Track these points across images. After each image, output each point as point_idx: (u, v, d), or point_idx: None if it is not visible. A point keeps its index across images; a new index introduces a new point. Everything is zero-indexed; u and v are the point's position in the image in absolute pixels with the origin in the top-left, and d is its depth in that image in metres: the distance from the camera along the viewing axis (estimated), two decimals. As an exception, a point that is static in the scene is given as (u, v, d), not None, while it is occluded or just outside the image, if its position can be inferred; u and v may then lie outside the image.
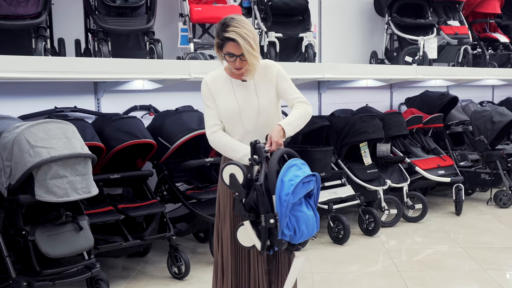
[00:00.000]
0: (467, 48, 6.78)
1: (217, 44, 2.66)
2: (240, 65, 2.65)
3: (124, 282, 3.96)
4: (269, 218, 2.41)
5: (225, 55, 2.64)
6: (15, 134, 3.11)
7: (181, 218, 4.56)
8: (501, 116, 6.12)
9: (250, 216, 2.47)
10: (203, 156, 4.50)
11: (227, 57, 2.65)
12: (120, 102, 4.78)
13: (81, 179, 3.19)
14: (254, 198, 2.45)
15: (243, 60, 2.63)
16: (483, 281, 3.92)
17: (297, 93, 2.81)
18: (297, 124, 2.70)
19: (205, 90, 2.79)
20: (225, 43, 2.61)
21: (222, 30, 2.61)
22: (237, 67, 2.67)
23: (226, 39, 2.60)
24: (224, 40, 2.61)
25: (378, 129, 5.27)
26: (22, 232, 3.16)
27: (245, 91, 2.75)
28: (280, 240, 2.42)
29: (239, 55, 2.61)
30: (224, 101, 2.75)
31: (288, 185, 2.38)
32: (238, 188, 2.48)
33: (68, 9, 4.64)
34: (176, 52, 4.96)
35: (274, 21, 5.31)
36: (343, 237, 4.75)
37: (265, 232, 2.44)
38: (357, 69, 5.93)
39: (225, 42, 2.61)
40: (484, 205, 6.22)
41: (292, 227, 2.41)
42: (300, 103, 2.77)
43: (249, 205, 2.48)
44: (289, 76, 2.86)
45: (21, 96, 4.24)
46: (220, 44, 2.64)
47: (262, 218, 2.42)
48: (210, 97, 2.78)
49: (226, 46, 2.62)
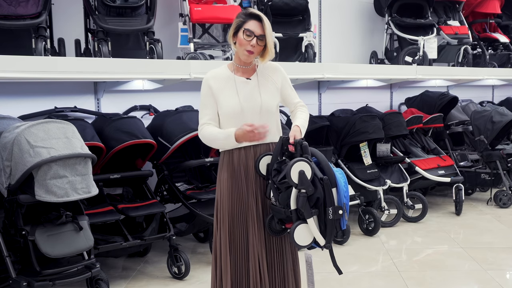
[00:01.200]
0: (467, 48, 6.78)
1: (237, 23, 2.66)
2: (256, 46, 2.66)
3: (124, 282, 3.96)
4: (338, 210, 2.47)
5: (245, 31, 2.63)
6: (15, 134, 3.11)
7: (181, 218, 4.57)
8: (501, 116, 6.12)
9: (316, 212, 2.50)
10: (203, 156, 4.50)
11: (246, 35, 2.64)
12: (120, 102, 4.79)
13: (81, 179, 3.19)
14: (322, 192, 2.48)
15: (259, 44, 2.66)
16: (483, 281, 3.92)
17: (298, 97, 2.92)
18: (306, 126, 2.84)
19: (205, 88, 2.76)
20: (247, 21, 2.64)
21: (246, 10, 2.66)
22: (253, 45, 2.65)
23: (250, 16, 2.65)
24: (247, 18, 2.64)
25: (378, 129, 5.27)
26: (22, 232, 3.16)
27: (248, 89, 2.74)
28: (344, 230, 2.49)
29: (258, 36, 2.63)
30: (226, 99, 2.72)
31: (342, 177, 2.51)
32: (308, 184, 2.48)
33: (68, 9, 4.64)
34: (176, 52, 4.96)
35: (274, 21, 5.31)
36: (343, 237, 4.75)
37: (333, 225, 2.48)
38: (357, 69, 5.93)
39: (248, 19, 2.64)
40: (484, 205, 6.22)
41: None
42: (303, 107, 2.90)
43: (313, 201, 2.51)
44: (289, 76, 2.90)
45: (21, 96, 4.25)
46: (241, 22, 2.65)
47: (330, 211, 2.46)
48: (209, 95, 2.74)
49: (247, 23, 2.64)
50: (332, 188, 2.49)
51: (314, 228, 2.49)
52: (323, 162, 2.58)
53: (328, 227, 2.49)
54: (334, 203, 2.48)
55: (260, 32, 2.64)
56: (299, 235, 2.52)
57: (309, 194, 2.49)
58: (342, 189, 2.50)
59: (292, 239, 2.54)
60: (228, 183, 2.77)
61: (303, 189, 2.49)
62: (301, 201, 2.49)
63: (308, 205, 2.49)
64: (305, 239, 2.53)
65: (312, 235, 2.52)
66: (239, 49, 2.70)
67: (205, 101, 2.76)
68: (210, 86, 2.74)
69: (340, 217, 2.48)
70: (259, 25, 2.64)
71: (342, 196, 2.50)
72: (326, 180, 2.49)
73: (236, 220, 2.77)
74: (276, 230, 2.72)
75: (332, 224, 2.48)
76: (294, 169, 2.48)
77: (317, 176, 2.51)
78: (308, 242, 2.54)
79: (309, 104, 6.18)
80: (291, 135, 2.67)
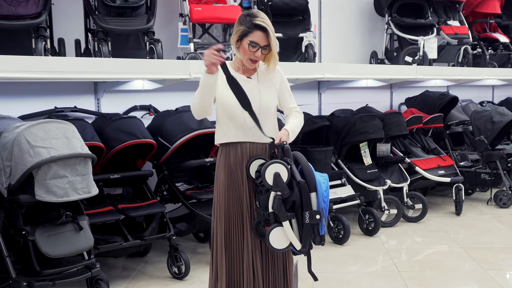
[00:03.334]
0: (467, 48, 6.78)
1: (242, 32, 2.62)
2: (261, 56, 2.65)
3: (124, 282, 3.96)
4: (315, 214, 2.43)
5: (250, 43, 2.61)
6: (15, 134, 3.11)
7: (181, 218, 4.57)
8: (501, 116, 6.12)
9: (292, 215, 2.47)
10: (203, 156, 4.50)
11: (251, 47, 2.62)
12: (120, 102, 4.78)
13: (81, 179, 3.19)
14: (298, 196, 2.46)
15: (263, 53, 2.65)
16: (483, 281, 3.92)
17: (295, 103, 2.90)
18: (297, 132, 2.80)
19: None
20: (252, 31, 2.60)
21: (251, 17, 2.60)
22: (257, 56, 2.65)
23: (256, 27, 2.59)
24: (252, 28, 2.60)
25: (378, 129, 5.27)
26: (22, 232, 3.16)
27: (248, 87, 2.74)
28: (323, 236, 2.45)
29: (263, 46, 2.62)
30: (227, 95, 2.71)
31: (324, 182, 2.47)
32: (283, 187, 2.46)
33: (68, 9, 4.64)
34: (176, 52, 4.96)
35: (274, 21, 5.28)
36: (343, 237, 4.75)
37: (310, 230, 2.45)
38: (357, 69, 5.93)
39: (253, 30, 2.60)
40: (484, 205, 6.22)
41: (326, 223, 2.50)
42: (298, 113, 2.87)
43: (289, 204, 2.48)
44: (289, 76, 2.89)
45: (21, 96, 4.24)
46: (246, 32, 2.61)
47: (307, 215, 2.43)
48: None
49: (252, 34, 2.60)
50: (311, 192, 2.46)
51: (290, 231, 2.47)
52: (304, 166, 2.54)
53: (304, 231, 2.46)
54: (311, 207, 2.44)
55: (265, 43, 2.63)
56: (274, 238, 2.50)
57: (284, 197, 2.46)
58: (322, 194, 2.45)
59: (268, 242, 2.53)
60: (225, 183, 2.77)
61: (279, 192, 2.47)
62: (276, 204, 2.48)
63: (284, 208, 2.46)
64: (281, 242, 2.51)
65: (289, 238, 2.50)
66: (243, 56, 2.70)
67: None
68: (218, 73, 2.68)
69: (317, 222, 2.44)
70: (264, 36, 2.61)
71: (321, 201, 2.46)
72: (303, 183, 2.45)
73: (232, 221, 2.77)
74: (262, 233, 2.69)
75: (309, 228, 2.45)
76: (269, 171, 2.48)
77: (296, 179, 2.48)
78: (284, 246, 2.52)
79: (309, 104, 6.18)
80: (277, 137, 2.65)
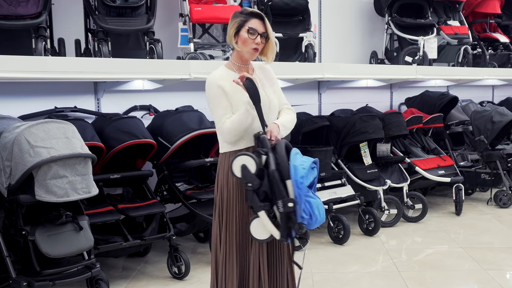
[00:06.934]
0: (467, 48, 6.78)
1: (239, 23, 2.66)
2: (260, 44, 2.67)
3: (124, 282, 3.96)
4: (287, 202, 2.42)
5: (249, 30, 2.64)
6: (15, 134, 3.11)
7: (181, 218, 4.56)
8: (501, 116, 6.13)
9: (265, 206, 2.48)
10: (203, 156, 4.50)
11: (249, 34, 2.64)
12: (120, 102, 4.79)
13: (81, 179, 3.19)
14: (268, 185, 2.45)
15: (262, 42, 2.68)
16: (483, 281, 3.92)
17: (286, 99, 2.92)
18: (289, 127, 2.80)
19: (215, 89, 2.66)
20: (249, 19, 2.66)
21: (243, 10, 2.70)
22: (258, 43, 2.66)
23: (251, 15, 2.67)
24: (248, 16, 2.66)
25: (378, 129, 5.27)
26: (22, 232, 3.16)
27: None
28: (300, 223, 2.43)
29: (261, 33, 2.66)
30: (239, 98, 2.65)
31: (301, 169, 2.43)
32: (251, 178, 2.47)
33: (68, 9, 4.64)
34: (176, 52, 4.96)
35: (274, 21, 5.30)
36: (343, 237, 4.75)
37: (285, 218, 2.44)
38: (357, 69, 5.93)
39: (249, 18, 2.66)
40: (484, 205, 6.22)
41: (308, 212, 2.44)
42: (290, 110, 2.88)
43: (262, 195, 2.48)
44: (289, 76, 2.89)
45: (21, 96, 4.25)
46: (242, 21, 2.66)
47: (280, 204, 2.43)
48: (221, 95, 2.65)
49: (249, 22, 2.65)
50: (287, 180, 2.44)
51: (267, 221, 2.47)
52: (279, 153, 2.51)
53: (281, 220, 2.45)
54: (284, 195, 2.43)
55: (263, 29, 2.67)
56: (254, 229, 2.52)
57: (254, 188, 2.47)
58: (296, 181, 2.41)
59: (249, 233, 2.56)
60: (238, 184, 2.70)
61: (249, 183, 2.48)
62: (249, 196, 2.49)
63: (257, 199, 2.47)
64: (262, 233, 2.52)
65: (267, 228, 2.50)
66: (243, 48, 2.69)
67: (217, 101, 2.67)
68: (221, 86, 2.66)
69: (290, 210, 2.42)
70: (261, 23, 2.67)
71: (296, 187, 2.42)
72: (272, 172, 2.44)
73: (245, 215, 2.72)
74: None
75: (284, 217, 2.44)
76: (236, 163, 2.49)
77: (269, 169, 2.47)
78: (266, 236, 2.52)
79: (309, 104, 6.18)
80: (268, 131, 2.64)
